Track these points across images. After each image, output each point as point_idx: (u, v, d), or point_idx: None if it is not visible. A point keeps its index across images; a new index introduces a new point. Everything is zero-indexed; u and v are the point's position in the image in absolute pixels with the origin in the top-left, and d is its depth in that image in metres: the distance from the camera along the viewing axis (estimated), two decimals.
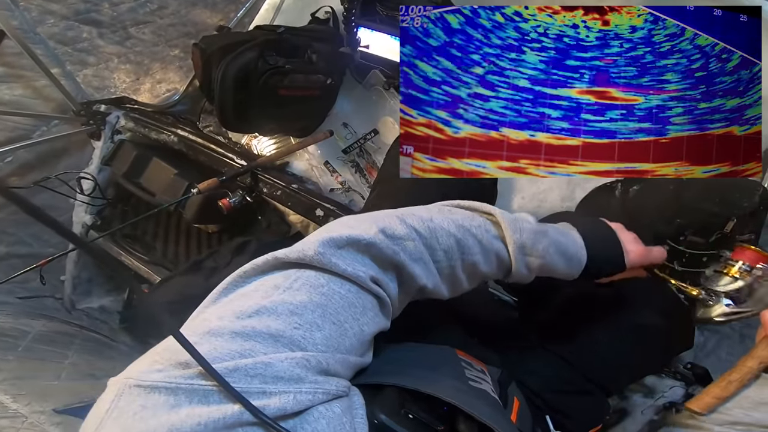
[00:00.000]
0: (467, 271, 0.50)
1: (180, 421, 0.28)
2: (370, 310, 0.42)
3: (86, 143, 1.37)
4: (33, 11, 1.01)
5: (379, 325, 0.43)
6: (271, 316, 0.35)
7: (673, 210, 1.07)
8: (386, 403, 0.39)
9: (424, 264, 0.45)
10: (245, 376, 0.31)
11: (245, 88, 1.06)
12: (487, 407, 0.45)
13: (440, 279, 0.48)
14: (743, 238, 1.05)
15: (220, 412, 0.29)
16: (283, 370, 0.32)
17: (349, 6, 1.04)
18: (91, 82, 1.24)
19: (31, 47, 1.05)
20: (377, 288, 0.42)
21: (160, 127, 1.30)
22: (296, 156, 1.36)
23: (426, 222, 0.46)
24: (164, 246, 1.41)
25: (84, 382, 1.09)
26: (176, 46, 1.27)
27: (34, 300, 1.46)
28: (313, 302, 0.37)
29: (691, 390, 1.06)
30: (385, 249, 0.42)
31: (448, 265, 0.48)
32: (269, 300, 0.36)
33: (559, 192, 1.25)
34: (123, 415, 0.29)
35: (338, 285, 0.39)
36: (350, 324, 0.39)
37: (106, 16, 1.09)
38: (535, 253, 0.51)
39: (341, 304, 0.39)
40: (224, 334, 0.33)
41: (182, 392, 0.30)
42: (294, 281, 0.38)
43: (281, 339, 0.34)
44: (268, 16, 1.31)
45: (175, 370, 0.31)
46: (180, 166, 1.26)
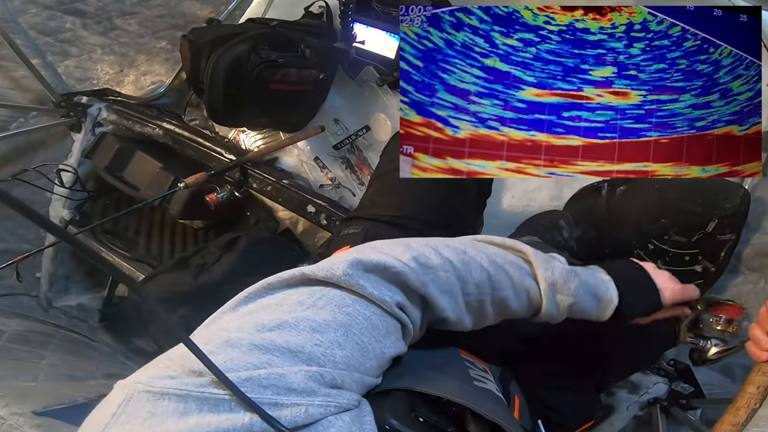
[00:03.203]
0: (496, 306, 0.50)
1: (188, 429, 0.28)
2: (392, 334, 0.41)
3: (65, 136, 1.32)
4: (15, 1, 0.97)
5: (399, 350, 0.43)
6: (293, 331, 0.35)
7: (658, 210, 1.10)
8: (396, 407, 0.39)
9: (452, 297, 0.46)
10: (258, 387, 0.31)
11: (236, 82, 1.04)
12: (495, 406, 0.46)
13: (466, 311, 0.48)
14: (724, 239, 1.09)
15: (230, 421, 0.29)
16: (296, 382, 0.32)
17: (345, 0, 1.03)
18: (73, 74, 1.20)
19: (12, 37, 1.01)
20: (402, 314, 0.42)
21: (145, 120, 1.26)
22: (286, 151, 1.35)
23: (460, 254, 0.47)
24: (147, 242, 1.36)
25: (63, 383, 1.05)
26: (163, 38, 1.24)
27: (9, 298, 1.40)
28: (336, 321, 0.37)
29: (674, 386, 1.09)
30: (415, 279, 0.42)
31: (477, 299, 0.48)
32: (292, 315, 0.36)
33: (547, 191, 1.27)
34: (131, 420, 0.29)
35: (363, 307, 0.39)
36: (372, 346, 0.39)
37: (91, 6, 1.06)
38: (566, 291, 0.51)
39: (365, 325, 0.38)
40: (242, 345, 0.33)
41: (192, 400, 0.30)
42: (318, 299, 0.38)
43: (300, 355, 0.34)
44: (259, 10, 1.29)
45: (187, 378, 0.31)
46: (165, 160, 1.23)
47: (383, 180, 0.78)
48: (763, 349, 0.54)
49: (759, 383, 0.56)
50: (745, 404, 0.55)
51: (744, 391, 0.56)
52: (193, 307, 1.02)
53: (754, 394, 0.56)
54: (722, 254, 1.12)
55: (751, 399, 0.55)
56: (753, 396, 0.56)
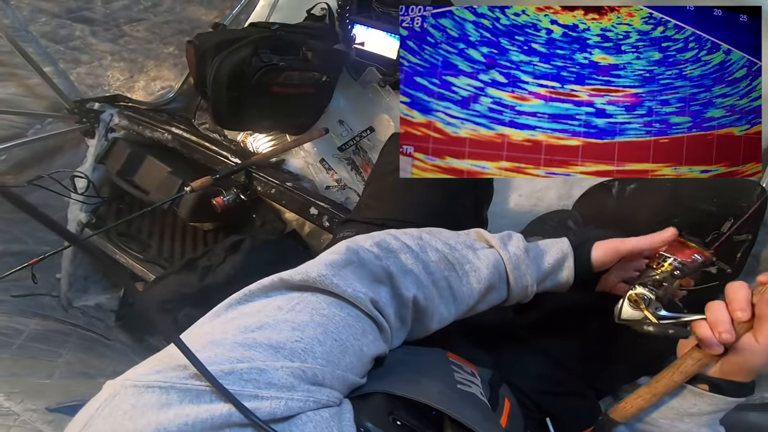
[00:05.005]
0: (466, 284, 0.53)
1: (168, 420, 0.28)
2: (369, 333, 0.43)
3: (81, 141, 1.36)
4: (24, 9, 1.00)
5: (378, 349, 0.44)
6: (274, 330, 0.36)
7: (670, 209, 1.06)
8: (373, 410, 0.39)
9: (416, 277, 0.48)
10: (239, 380, 0.32)
11: (239, 86, 1.05)
12: (473, 411, 0.45)
13: (437, 295, 0.50)
14: (740, 239, 1.05)
15: (209, 412, 0.29)
16: (277, 377, 0.33)
17: (343, 3, 1.03)
18: (85, 80, 1.23)
19: (23, 45, 1.04)
20: (376, 312, 0.44)
21: (154, 125, 1.29)
22: (292, 154, 1.36)
23: (416, 240, 0.51)
24: (159, 244, 1.40)
25: (77, 381, 1.08)
26: (171, 44, 1.26)
27: (30, 298, 1.46)
28: (314, 321, 0.39)
29: None
30: (378, 262, 0.46)
31: (444, 278, 0.51)
32: (272, 318, 0.38)
33: (556, 190, 1.24)
34: (113, 413, 0.29)
35: (339, 308, 0.41)
36: (351, 343, 0.40)
37: (99, 14, 1.09)
38: (515, 240, 0.56)
39: (342, 324, 0.40)
40: (226, 344, 0.34)
41: (175, 391, 0.30)
42: (297, 304, 0.40)
43: (282, 350, 0.35)
44: (264, 13, 1.30)
45: (172, 372, 0.32)
46: (174, 164, 1.25)
47: (378, 183, 0.78)
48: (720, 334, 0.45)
49: (689, 373, 0.49)
50: (663, 392, 0.50)
51: (669, 378, 0.50)
52: (199, 307, 1.04)
53: (678, 383, 0.50)
54: (738, 255, 1.08)
55: (672, 388, 0.50)
56: (676, 385, 0.50)
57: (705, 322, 0.47)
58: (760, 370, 0.47)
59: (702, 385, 0.49)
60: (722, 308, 0.46)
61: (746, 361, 0.46)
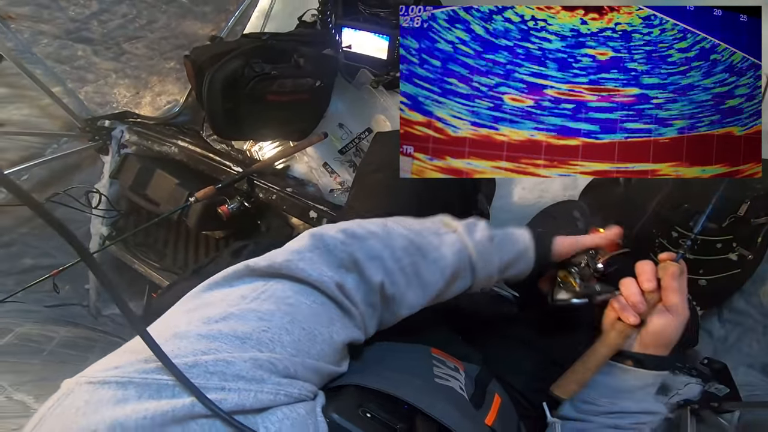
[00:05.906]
0: (434, 270, 0.51)
1: (125, 415, 0.27)
2: (337, 320, 0.42)
3: (97, 158, 1.43)
4: (24, 32, 1.03)
5: (350, 335, 0.43)
6: (239, 321, 0.35)
7: (680, 195, 1.01)
8: (342, 402, 0.39)
9: (382, 262, 0.47)
10: (204, 373, 0.31)
11: (233, 96, 1.07)
12: (446, 404, 0.45)
13: (403, 279, 0.49)
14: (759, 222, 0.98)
15: (170, 404, 0.28)
16: (245, 369, 0.32)
17: (323, 8, 1.03)
18: (93, 98, 1.28)
19: (30, 67, 1.08)
20: (342, 297, 0.43)
21: (162, 139, 1.34)
22: (296, 159, 1.37)
23: (381, 227, 0.50)
24: (174, 253, 1.46)
25: None
26: (171, 59, 1.30)
27: (62, 308, 1.55)
28: (281, 311, 0.38)
29: (708, 387, 1.00)
30: (344, 247, 0.45)
31: (410, 263, 0.49)
32: (237, 308, 0.37)
33: (560, 181, 1.21)
34: (66, 411, 0.28)
35: (305, 296, 0.40)
36: (319, 331, 0.39)
37: (96, 33, 1.12)
38: (480, 227, 0.56)
39: (308, 312, 0.39)
40: (190, 336, 0.33)
41: (133, 386, 0.29)
42: (262, 293, 0.39)
43: (248, 341, 0.34)
44: (258, 24, 1.32)
45: (131, 366, 0.31)
46: (182, 176, 1.30)
47: (359, 184, 0.78)
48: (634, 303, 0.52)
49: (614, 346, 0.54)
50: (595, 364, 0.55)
51: (597, 350, 0.55)
52: None
53: (606, 355, 0.55)
54: (759, 240, 1.01)
55: (602, 361, 0.55)
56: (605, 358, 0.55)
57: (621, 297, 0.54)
58: (673, 340, 0.54)
59: (627, 361, 0.55)
60: (633, 282, 0.54)
61: (660, 332, 0.53)
